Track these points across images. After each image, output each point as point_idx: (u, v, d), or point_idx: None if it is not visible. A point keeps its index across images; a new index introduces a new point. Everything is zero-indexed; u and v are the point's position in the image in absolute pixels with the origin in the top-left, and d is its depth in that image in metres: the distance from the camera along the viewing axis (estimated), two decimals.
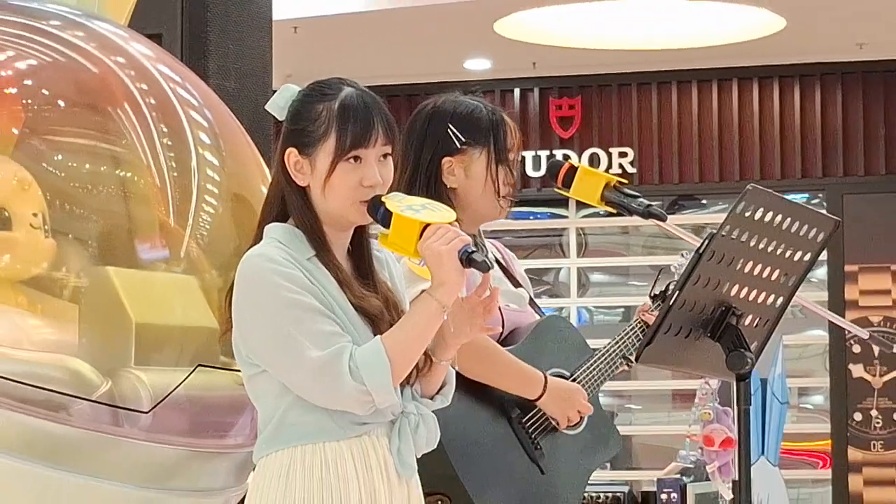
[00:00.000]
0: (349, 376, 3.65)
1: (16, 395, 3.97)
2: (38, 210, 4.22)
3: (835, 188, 12.47)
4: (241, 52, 5.57)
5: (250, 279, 3.77)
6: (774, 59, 12.37)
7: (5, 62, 4.49)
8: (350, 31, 11.33)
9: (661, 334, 4.20)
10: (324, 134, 3.79)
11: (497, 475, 4.35)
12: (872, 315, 12.28)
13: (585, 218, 12.92)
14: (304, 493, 3.74)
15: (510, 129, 4.65)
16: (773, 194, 4.29)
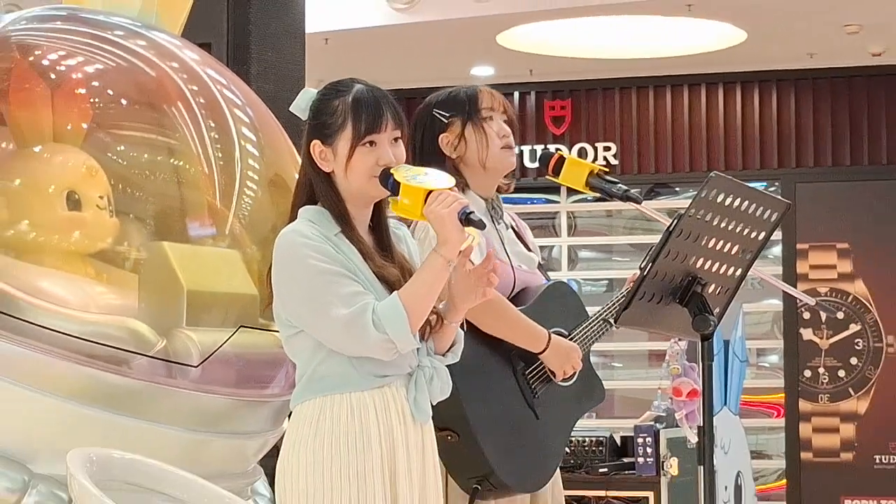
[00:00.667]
0: (373, 328, 3.67)
1: (84, 351, 3.99)
2: (104, 193, 4.22)
3: (788, 177, 12.46)
4: (278, 59, 5.57)
5: (286, 252, 3.78)
6: (737, 67, 12.36)
7: (76, 66, 4.50)
8: (373, 42, 11.32)
9: (637, 300, 4.20)
10: (342, 124, 3.82)
11: (498, 417, 4.35)
12: (820, 287, 12.27)
13: (574, 203, 12.95)
14: (332, 436, 3.75)
15: (486, 94, 4.65)
16: (733, 180, 4.28)
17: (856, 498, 12.01)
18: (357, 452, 3.75)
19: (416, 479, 3.85)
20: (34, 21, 4.43)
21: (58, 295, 4.07)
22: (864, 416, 12.17)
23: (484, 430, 4.28)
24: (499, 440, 4.33)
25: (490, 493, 4.37)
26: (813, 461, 12.06)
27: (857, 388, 12.14)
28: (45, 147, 4.26)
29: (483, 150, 4.58)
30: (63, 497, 3.88)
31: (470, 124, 4.58)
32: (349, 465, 3.74)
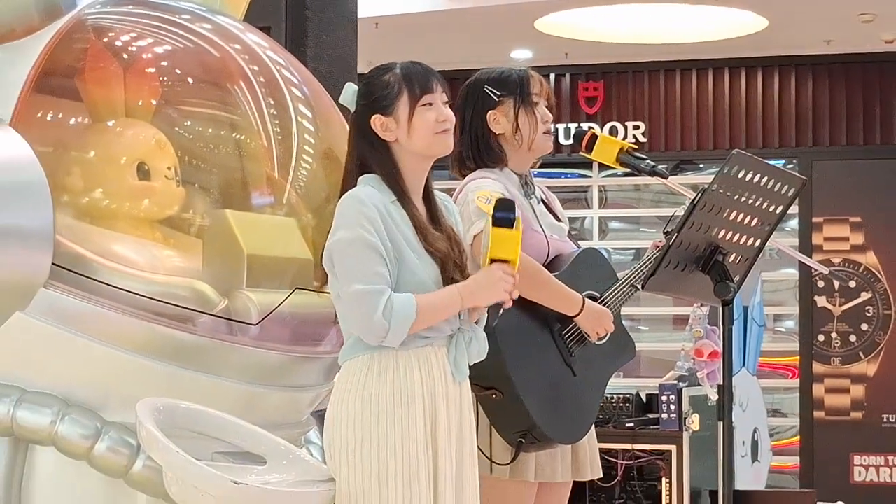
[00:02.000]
0: (381, 313, 3.68)
1: (153, 309, 4.00)
2: (171, 164, 4.23)
3: (806, 155, 12.42)
4: (332, 42, 5.58)
5: (344, 212, 3.80)
6: (758, 52, 12.30)
7: (146, 47, 4.50)
8: (419, 27, 11.32)
9: (663, 268, 4.20)
10: (398, 93, 3.87)
11: (539, 375, 4.36)
12: (834, 257, 12.23)
13: (605, 178, 12.94)
14: (379, 391, 3.77)
15: (536, 80, 4.66)
16: (754, 157, 4.28)
17: (864, 454, 11.98)
18: (401, 406, 3.78)
19: (455, 433, 3.87)
20: (108, 5, 4.43)
21: (129, 258, 4.08)
22: (873, 378, 12.13)
23: (526, 388, 4.29)
24: (540, 397, 4.34)
25: (533, 445, 4.38)
26: (825, 419, 12.04)
27: (867, 352, 12.11)
28: (117, 122, 4.26)
29: (532, 133, 4.59)
30: (132, 443, 3.89)
31: (522, 107, 4.59)
32: (394, 418, 3.76)
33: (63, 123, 4.27)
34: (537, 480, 4.46)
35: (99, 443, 3.92)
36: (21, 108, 4.00)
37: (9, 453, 3.97)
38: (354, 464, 3.77)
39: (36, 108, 4.09)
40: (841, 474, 11.77)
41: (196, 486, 3.65)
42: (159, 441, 3.67)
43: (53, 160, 4.01)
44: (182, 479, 3.67)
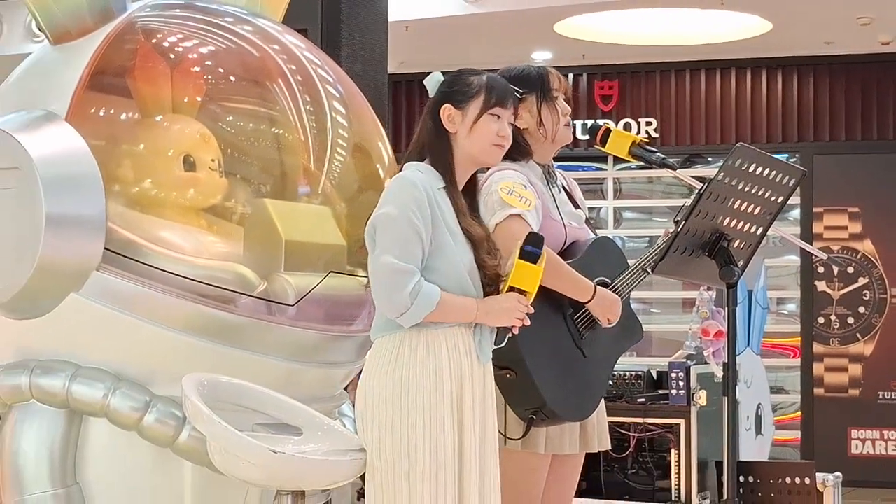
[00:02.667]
0: (408, 291, 3.68)
1: (198, 291, 4.02)
2: (215, 157, 4.24)
3: (807, 149, 12.39)
4: (365, 43, 5.58)
5: (396, 191, 3.79)
6: (763, 53, 12.28)
7: (192, 48, 4.51)
8: (446, 30, 11.30)
9: (671, 253, 4.20)
10: (476, 94, 3.89)
11: (550, 356, 4.34)
12: (833, 245, 12.20)
13: (620, 170, 12.94)
14: (409, 367, 3.76)
15: (554, 76, 4.63)
16: (756, 150, 4.26)
17: (861, 428, 11.96)
18: (430, 382, 3.77)
19: (478, 410, 3.87)
20: (156, 8, 4.44)
21: (176, 243, 4.09)
22: (870, 357, 12.11)
23: (538, 369, 4.27)
24: (551, 376, 4.32)
25: (543, 421, 4.37)
26: (824, 396, 12.03)
27: (864, 333, 12.08)
28: (165, 117, 4.27)
29: (554, 126, 4.58)
30: (178, 415, 3.92)
31: (544, 102, 4.58)
32: (423, 394, 3.76)
33: (114, 119, 4.28)
34: (548, 452, 4.46)
35: (148, 415, 3.94)
36: (76, 105, 4.02)
37: (64, 424, 3.99)
38: (384, 436, 3.76)
39: (89, 104, 4.11)
40: (839, 447, 11.76)
41: (237, 454, 3.67)
42: (203, 413, 3.69)
43: (105, 153, 4.03)
44: (224, 448, 3.68)
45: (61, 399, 3.94)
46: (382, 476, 3.76)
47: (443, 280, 3.77)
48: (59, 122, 3.97)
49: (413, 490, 3.73)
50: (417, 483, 3.73)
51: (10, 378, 4.00)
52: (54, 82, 4.09)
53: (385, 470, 3.75)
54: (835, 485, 6.16)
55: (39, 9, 4.15)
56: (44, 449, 3.97)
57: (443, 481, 3.75)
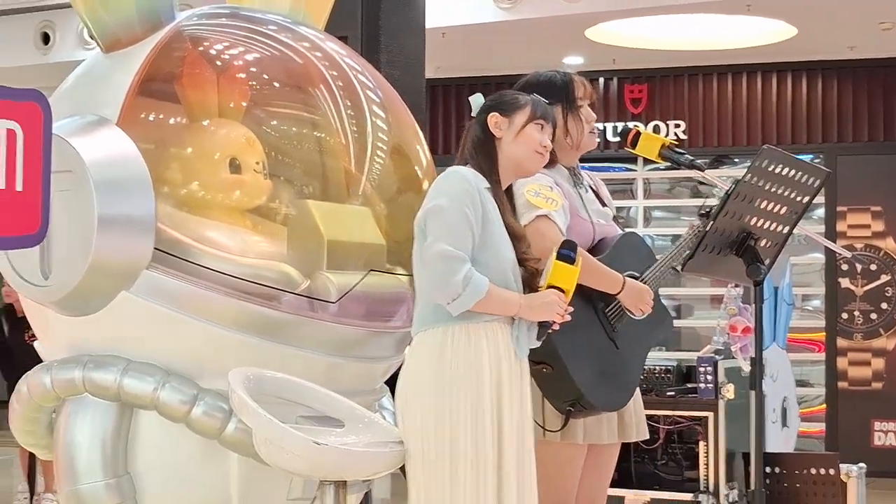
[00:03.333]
0: (461, 277, 3.72)
1: (243, 289, 4.01)
2: (259, 160, 4.23)
3: (831, 150, 12.35)
4: (403, 49, 5.58)
5: (450, 183, 3.88)
6: (788, 57, 12.24)
7: (238, 55, 4.52)
8: (481, 36, 11.31)
9: (700, 252, 4.20)
10: (523, 105, 4.01)
11: (585, 349, 4.34)
12: (856, 243, 12.17)
13: (649, 171, 12.93)
14: (453, 361, 3.78)
15: (579, 84, 4.62)
16: (782, 152, 4.26)
17: (884, 420, 11.92)
18: (473, 375, 3.79)
19: (516, 403, 3.88)
20: (203, 17, 4.45)
21: (222, 243, 4.09)
22: (892, 351, 12.07)
23: (573, 362, 4.27)
24: (586, 369, 4.32)
25: (581, 413, 4.37)
26: (848, 389, 12.01)
27: (887, 328, 12.05)
28: (211, 121, 4.27)
29: (580, 135, 4.58)
30: (225, 408, 3.92)
31: (569, 113, 4.56)
32: (466, 386, 3.77)
33: (163, 123, 4.29)
34: (586, 442, 4.45)
35: (195, 408, 3.94)
36: (126, 110, 4.03)
37: (116, 416, 4.00)
38: (428, 427, 3.77)
39: (139, 109, 4.11)
40: (862, 439, 11.72)
41: (282, 446, 3.68)
42: (249, 406, 3.70)
43: (155, 156, 4.04)
44: (269, 439, 3.70)
45: (113, 392, 3.95)
46: (425, 463, 3.77)
47: (489, 273, 3.80)
48: (110, 127, 3.99)
49: (455, 478, 3.74)
50: (459, 471, 3.74)
51: (64, 372, 4.02)
52: (106, 88, 4.11)
53: (428, 457, 3.77)
54: (858, 475, 6.14)
55: (91, 18, 4.17)
56: (96, 440, 3.98)
57: (483, 470, 3.76)
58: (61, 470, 4.03)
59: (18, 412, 4.16)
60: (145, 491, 4.02)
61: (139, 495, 4.02)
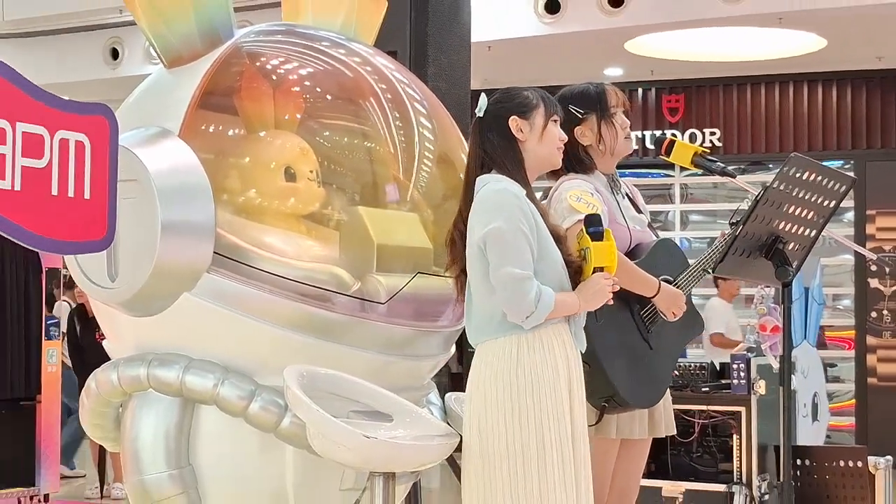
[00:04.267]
0: (532, 296, 3.69)
1: (298, 290, 4.04)
2: (313, 168, 4.25)
3: (861, 157, 12.31)
4: (449, 63, 5.57)
5: (498, 201, 3.78)
6: (819, 68, 12.18)
7: (293, 70, 4.54)
8: (525, 49, 11.31)
9: (731, 255, 4.17)
10: (537, 104, 3.92)
11: (620, 348, 4.32)
12: (885, 245, 12.12)
13: (686, 177, 12.89)
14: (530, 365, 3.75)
15: (612, 93, 4.59)
16: (809, 159, 4.23)
17: None
18: (552, 376, 3.76)
19: (579, 395, 3.86)
20: (260, 34, 4.48)
21: (278, 247, 4.12)
22: None
23: (609, 361, 4.26)
24: (621, 368, 4.31)
25: (615, 409, 4.36)
26: (877, 385, 11.95)
27: None
28: (268, 132, 4.30)
29: (614, 142, 4.55)
30: (280, 403, 3.94)
31: (603, 122, 4.54)
32: (546, 387, 3.74)
33: (222, 134, 4.32)
34: (619, 437, 4.45)
35: (253, 403, 3.97)
36: (188, 122, 4.06)
37: (178, 411, 4.04)
38: (512, 429, 3.72)
39: (200, 121, 4.15)
40: (891, 432, 11.59)
41: (334, 439, 3.69)
42: (303, 401, 3.72)
43: (214, 165, 4.07)
44: (322, 433, 3.71)
45: (176, 388, 3.99)
46: (512, 466, 3.72)
47: (546, 280, 3.77)
48: (172, 138, 4.02)
49: (543, 475, 3.71)
50: (549, 469, 3.71)
51: (130, 369, 4.05)
52: (168, 102, 4.14)
53: (514, 460, 3.72)
54: (886, 467, 6.10)
55: (155, 35, 4.20)
56: (160, 434, 4.02)
57: (570, 463, 3.75)
58: (127, 461, 4.06)
59: (87, 407, 4.20)
60: (206, 481, 4.05)
61: (200, 485, 4.05)
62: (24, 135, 3.18)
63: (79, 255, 4.01)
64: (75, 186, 3.35)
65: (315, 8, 4.66)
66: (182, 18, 4.13)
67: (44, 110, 3.26)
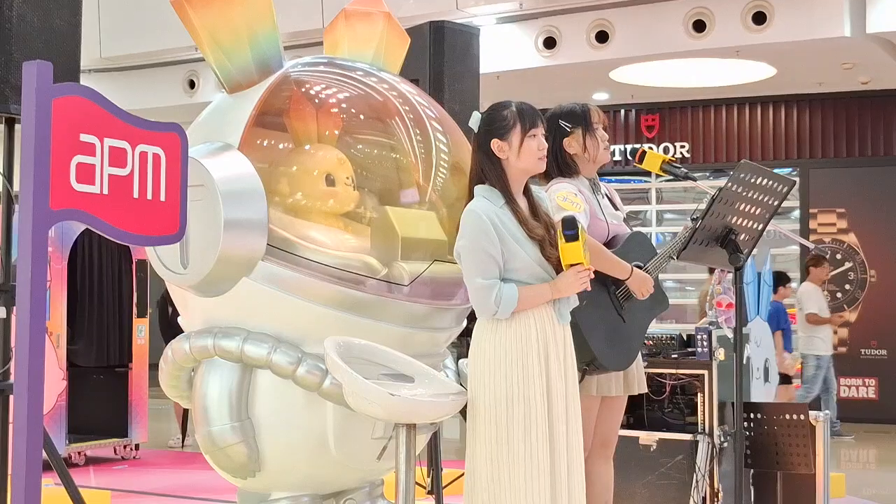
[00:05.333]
0: (493, 300, 3.69)
1: (336, 275, 4.04)
2: (349, 175, 4.25)
3: (805, 165, 12.29)
4: (461, 89, 5.56)
5: (469, 223, 3.77)
6: (770, 91, 12.17)
7: (333, 94, 4.53)
8: (527, 78, 11.30)
9: (692, 244, 4.17)
10: (513, 124, 3.82)
11: (598, 321, 4.32)
12: (825, 237, 12.08)
13: (661, 182, 12.89)
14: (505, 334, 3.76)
15: (594, 111, 4.59)
16: (757, 165, 4.23)
17: (847, 378, 11.80)
18: (521, 344, 3.75)
19: (560, 362, 3.82)
20: (305, 65, 4.47)
21: (319, 240, 4.12)
22: (854, 323, 11.96)
23: (589, 331, 4.25)
24: (599, 337, 4.30)
25: (594, 371, 4.36)
26: None
27: (850, 304, 11.94)
28: (312, 146, 4.30)
29: (595, 151, 4.55)
30: (322, 367, 3.94)
31: (588, 134, 4.54)
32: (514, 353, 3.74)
33: (274, 147, 4.32)
34: (599, 394, 4.44)
35: (300, 367, 3.97)
36: (245, 137, 4.06)
37: (239, 374, 4.05)
38: (488, 388, 3.74)
39: (256, 137, 4.15)
40: None
41: (365, 397, 3.69)
42: (340, 366, 3.71)
43: (267, 173, 4.07)
44: (355, 392, 3.71)
45: (236, 356, 3.99)
46: (486, 420, 3.74)
47: (519, 276, 3.76)
48: (233, 151, 4.02)
49: (511, 432, 3.71)
50: (515, 425, 3.71)
51: (199, 340, 4.06)
52: (230, 121, 4.14)
53: (489, 414, 3.73)
54: (825, 420, 6.06)
55: (219, 67, 4.20)
56: (224, 393, 4.03)
57: (541, 421, 3.72)
58: (197, 416, 4.07)
59: (165, 371, 4.21)
60: (262, 431, 4.06)
61: (257, 434, 4.06)
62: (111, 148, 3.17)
63: (156, 247, 4.02)
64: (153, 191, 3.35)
65: (350, 43, 4.66)
66: (240, 53, 4.13)
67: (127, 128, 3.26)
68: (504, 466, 3.69)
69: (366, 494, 4.39)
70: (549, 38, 10.76)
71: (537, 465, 3.69)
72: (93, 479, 8.49)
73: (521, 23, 10.90)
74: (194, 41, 4.17)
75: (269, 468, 4.09)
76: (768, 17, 9.86)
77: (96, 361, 9.66)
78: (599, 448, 4.57)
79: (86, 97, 3.02)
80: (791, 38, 9.90)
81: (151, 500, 7.70)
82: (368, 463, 4.15)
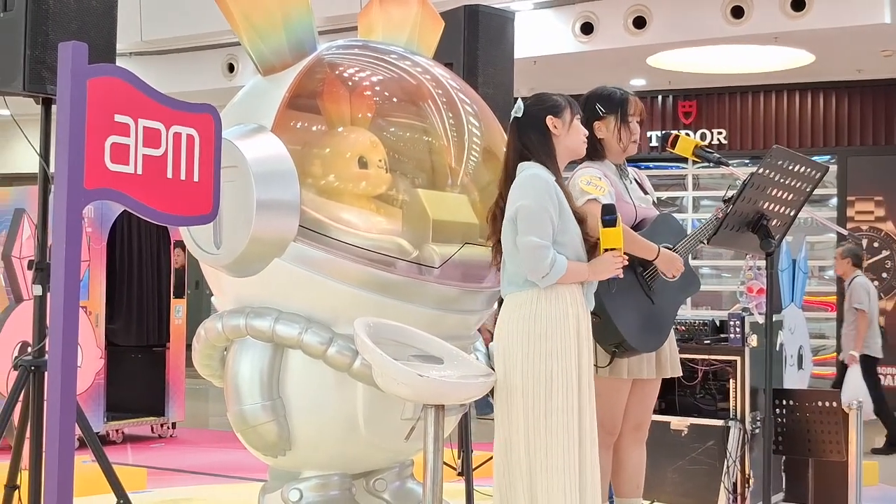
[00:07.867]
0: (548, 262, 3.74)
1: (367, 257, 4.04)
2: (381, 158, 4.24)
3: (842, 152, 12.18)
4: (495, 73, 5.54)
5: (532, 182, 3.86)
6: (808, 78, 12.05)
7: (367, 77, 4.52)
8: (564, 63, 11.25)
9: (723, 229, 4.15)
10: (565, 106, 4.00)
11: (626, 303, 4.31)
12: (862, 225, 11.96)
13: (698, 169, 12.82)
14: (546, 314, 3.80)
15: (633, 102, 4.58)
16: (789, 150, 4.19)
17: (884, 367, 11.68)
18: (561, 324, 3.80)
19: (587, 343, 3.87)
20: (340, 48, 4.47)
21: (352, 222, 4.12)
22: (891, 311, 11.85)
23: (617, 313, 4.25)
24: (627, 319, 4.30)
25: (624, 353, 4.35)
26: None
27: (886, 292, 11.83)
28: (345, 128, 4.29)
29: (626, 142, 4.54)
30: (352, 348, 3.95)
31: (622, 124, 4.53)
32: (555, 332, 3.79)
33: (307, 129, 4.32)
34: (630, 377, 4.43)
35: (331, 348, 3.99)
36: (279, 120, 4.07)
37: (270, 354, 4.06)
38: (526, 366, 3.77)
39: (289, 119, 4.15)
40: None
41: (394, 378, 3.70)
42: (370, 347, 3.73)
43: (300, 155, 4.07)
44: (385, 373, 3.72)
45: (268, 335, 4.01)
46: (525, 394, 3.77)
47: (566, 251, 3.83)
48: (266, 133, 4.03)
49: (549, 405, 3.74)
50: (554, 399, 3.75)
51: (231, 320, 4.08)
52: (263, 103, 4.14)
53: (527, 390, 3.77)
54: (858, 407, 6.03)
55: (254, 50, 4.21)
56: (256, 372, 4.04)
57: (574, 393, 3.77)
58: (229, 394, 4.09)
59: (198, 350, 4.24)
60: (292, 410, 4.08)
61: (287, 413, 4.07)
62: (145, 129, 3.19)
63: (189, 227, 4.04)
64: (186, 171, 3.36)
65: (385, 27, 4.66)
66: (274, 35, 4.14)
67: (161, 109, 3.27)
68: (541, 437, 3.73)
69: (395, 474, 4.41)
70: (587, 23, 10.71)
71: (572, 436, 3.74)
72: (130, 457, 8.57)
73: (558, 8, 10.86)
74: (229, 24, 4.18)
75: (299, 447, 4.11)
76: (807, 3, 9.76)
77: (135, 341, 9.75)
78: (632, 431, 4.56)
79: (121, 78, 3.04)
80: (830, 25, 9.80)
81: (187, 477, 7.77)
82: (398, 443, 4.16)
